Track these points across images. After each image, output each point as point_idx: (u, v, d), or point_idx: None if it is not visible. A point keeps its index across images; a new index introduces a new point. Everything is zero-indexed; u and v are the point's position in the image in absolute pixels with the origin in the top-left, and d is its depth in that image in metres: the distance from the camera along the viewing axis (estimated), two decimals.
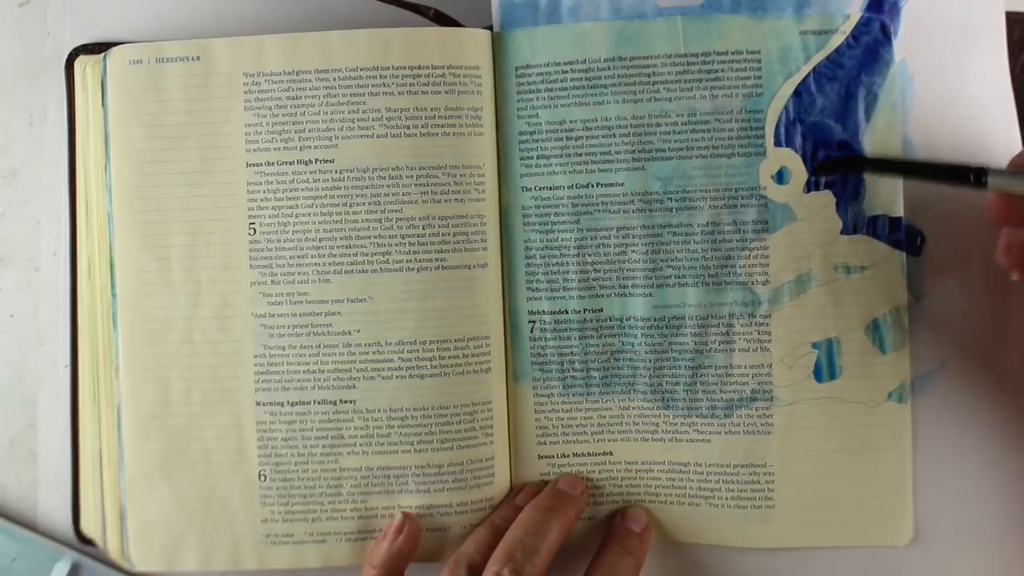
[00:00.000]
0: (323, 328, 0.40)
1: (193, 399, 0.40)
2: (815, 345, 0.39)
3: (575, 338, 0.40)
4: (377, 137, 0.39)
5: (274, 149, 0.40)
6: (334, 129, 0.39)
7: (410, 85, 0.39)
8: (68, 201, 0.42)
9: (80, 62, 0.42)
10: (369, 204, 0.39)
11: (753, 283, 0.39)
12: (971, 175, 0.33)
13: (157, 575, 0.41)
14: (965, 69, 0.40)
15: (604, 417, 0.40)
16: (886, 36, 0.39)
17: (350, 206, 0.39)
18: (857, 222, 0.39)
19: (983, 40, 0.40)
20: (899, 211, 0.39)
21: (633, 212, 0.40)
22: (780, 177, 0.39)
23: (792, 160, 0.39)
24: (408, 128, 0.39)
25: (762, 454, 0.40)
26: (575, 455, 0.41)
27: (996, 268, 0.36)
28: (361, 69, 0.39)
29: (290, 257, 0.40)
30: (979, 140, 0.40)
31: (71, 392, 0.42)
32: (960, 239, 0.39)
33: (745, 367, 0.40)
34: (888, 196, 0.39)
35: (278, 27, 0.41)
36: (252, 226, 0.40)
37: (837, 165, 0.39)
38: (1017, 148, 0.39)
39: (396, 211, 0.39)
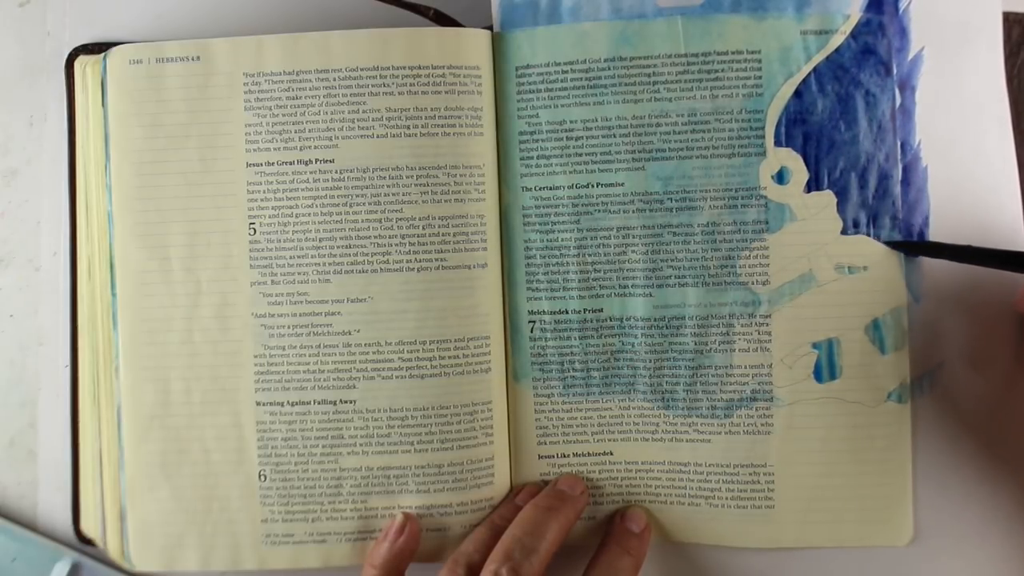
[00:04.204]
0: (323, 328, 0.40)
1: (193, 399, 0.40)
2: (815, 345, 0.39)
3: (575, 338, 0.40)
4: (377, 137, 0.39)
5: (274, 149, 0.40)
6: (334, 129, 0.39)
7: (410, 85, 0.39)
8: (68, 201, 0.42)
9: (80, 62, 0.42)
10: (369, 204, 0.39)
11: (753, 283, 0.39)
12: None
13: (157, 575, 0.41)
14: (962, 68, 0.40)
15: (604, 417, 0.40)
16: (885, 36, 0.39)
17: (350, 206, 0.39)
18: (857, 222, 0.39)
19: (980, 40, 0.40)
20: (899, 212, 0.39)
21: (633, 212, 0.40)
22: (780, 177, 0.39)
23: (792, 160, 0.39)
24: (408, 128, 0.39)
25: (762, 454, 0.40)
26: (575, 455, 0.41)
27: (995, 268, 0.36)
28: (361, 69, 0.39)
29: (290, 257, 0.40)
30: (974, 139, 0.40)
31: (71, 392, 0.42)
32: (960, 239, 0.39)
33: (745, 367, 0.40)
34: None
35: (278, 27, 0.41)
36: (252, 226, 0.40)
37: (918, 248, 0.39)
38: (1010, 148, 0.40)
39: (396, 211, 0.39)
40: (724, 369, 0.40)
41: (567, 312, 0.40)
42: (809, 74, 0.39)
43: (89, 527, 0.42)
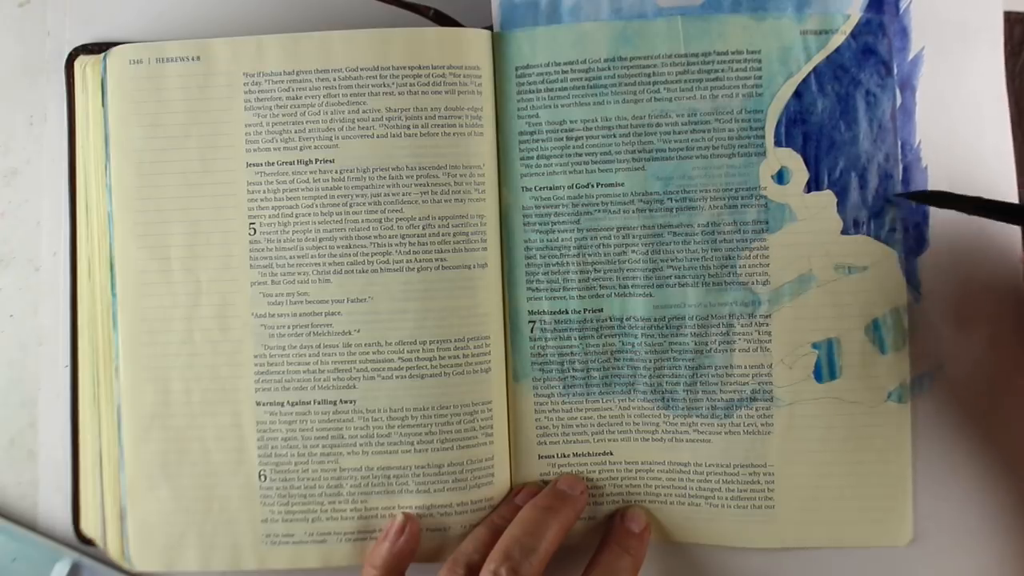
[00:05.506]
0: (323, 328, 0.40)
1: (193, 399, 0.40)
2: (815, 345, 0.39)
3: (575, 338, 0.40)
4: (377, 137, 0.39)
5: (274, 149, 0.40)
6: (334, 129, 0.39)
7: (410, 85, 0.39)
8: (68, 201, 0.42)
9: (80, 62, 0.42)
10: (369, 204, 0.39)
11: (753, 283, 0.39)
12: None
13: (157, 575, 0.41)
14: (963, 68, 0.40)
15: (604, 417, 0.40)
16: (886, 36, 0.39)
17: (350, 206, 0.39)
18: (857, 222, 0.39)
19: (981, 40, 0.40)
20: (899, 212, 0.39)
21: (633, 212, 0.40)
22: (780, 177, 0.39)
23: (792, 160, 0.39)
24: (408, 128, 0.39)
25: (762, 454, 0.40)
26: (575, 455, 0.41)
27: (994, 269, 0.36)
28: (361, 69, 0.39)
29: (290, 257, 0.40)
30: (974, 139, 0.40)
31: (71, 392, 0.42)
32: (960, 239, 0.39)
33: (745, 367, 0.40)
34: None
35: (278, 27, 0.41)
36: (252, 226, 0.40)
37: (921, 196, 0.39)
38: (1009, 148, 0.40)
39: (396, 211, 0.39)
40: (724, 369, 0.40)
41: (567, 312, 0.40)
42: (809, 74, 0.39)
43: (89, 527, 0.42)
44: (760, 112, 0.39)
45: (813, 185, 0.39)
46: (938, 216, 0.39)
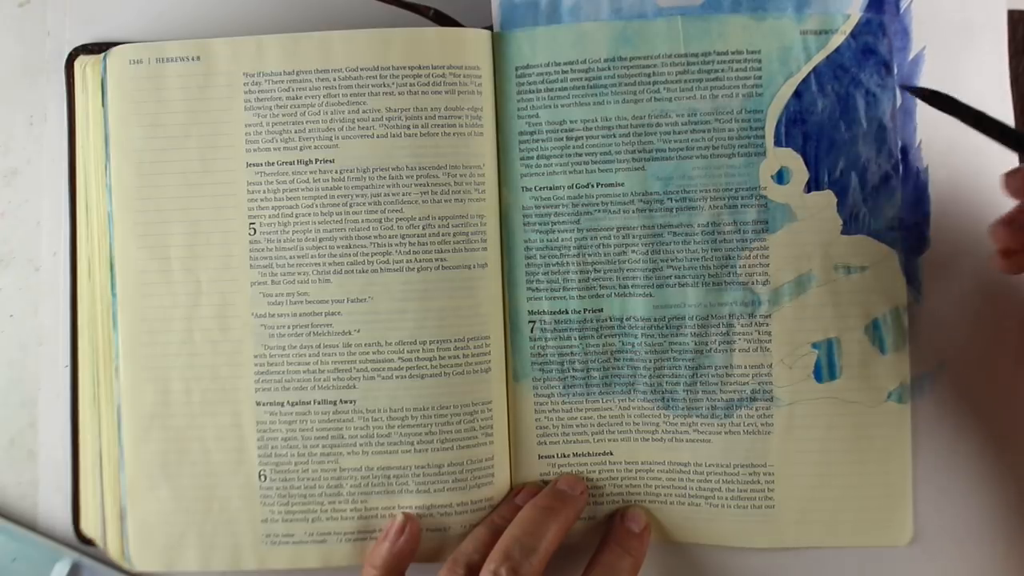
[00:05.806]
0: (323, 328, 0.40)
1: (193, 399, 0.40)
2: (815, 345, 0.39)
3: (575, 338, 0.40)
4: (377, 137, 0.39)
5: (274, 149, 0.40)
6: (334, 129, 0.39)
7: (410, 85, 0.39)
8: (68, 201, 0.42)
9: (80, 62, 0.42)
10: (369, 204, 0.39)
11: (753, 283, 0.39)
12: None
13: (157, 575, 0.41)
14: (965, 68, 0.40)
15: (604, 417, 0.40)
16: (886, 36, 0.39)
17: (350, 206, 0.39)
18: (857, 221, 0.39)
19: (983, 39, 0.40)
20: (899, 212, 0.39)
21: (633, 212, 0.40)
22: (780, 177, 0.39)
23: (792, 160, 0.39)
24: (408, 128, 0.39)
25: (762, 454, 0.40)
26: (575, 455, 0.41)
27: (995, 269, 0.36)
28: (361, 69, 0.39)
29: (290, 257, 0.40)
30: (975, 139, 0.39)
31: (71, 392, 0.42)
32: (960, 239, 0.39)
33: (745, 367, 0.40)
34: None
35: (278, 27, 0.41)
36: (252, 226, 0.40)
37: (930, 96, 0.36)
38: None
39: (396, 211, 0.39)
40: (724, 369, 0.40)
41: (567, 312, 0.40)
42: (809, 74, 0.39)
43: (89, 527, 0.42)
44: (760, 112, 0.39)
45: (813, 185, 0.39)
46: (938, 216, 0.39)
